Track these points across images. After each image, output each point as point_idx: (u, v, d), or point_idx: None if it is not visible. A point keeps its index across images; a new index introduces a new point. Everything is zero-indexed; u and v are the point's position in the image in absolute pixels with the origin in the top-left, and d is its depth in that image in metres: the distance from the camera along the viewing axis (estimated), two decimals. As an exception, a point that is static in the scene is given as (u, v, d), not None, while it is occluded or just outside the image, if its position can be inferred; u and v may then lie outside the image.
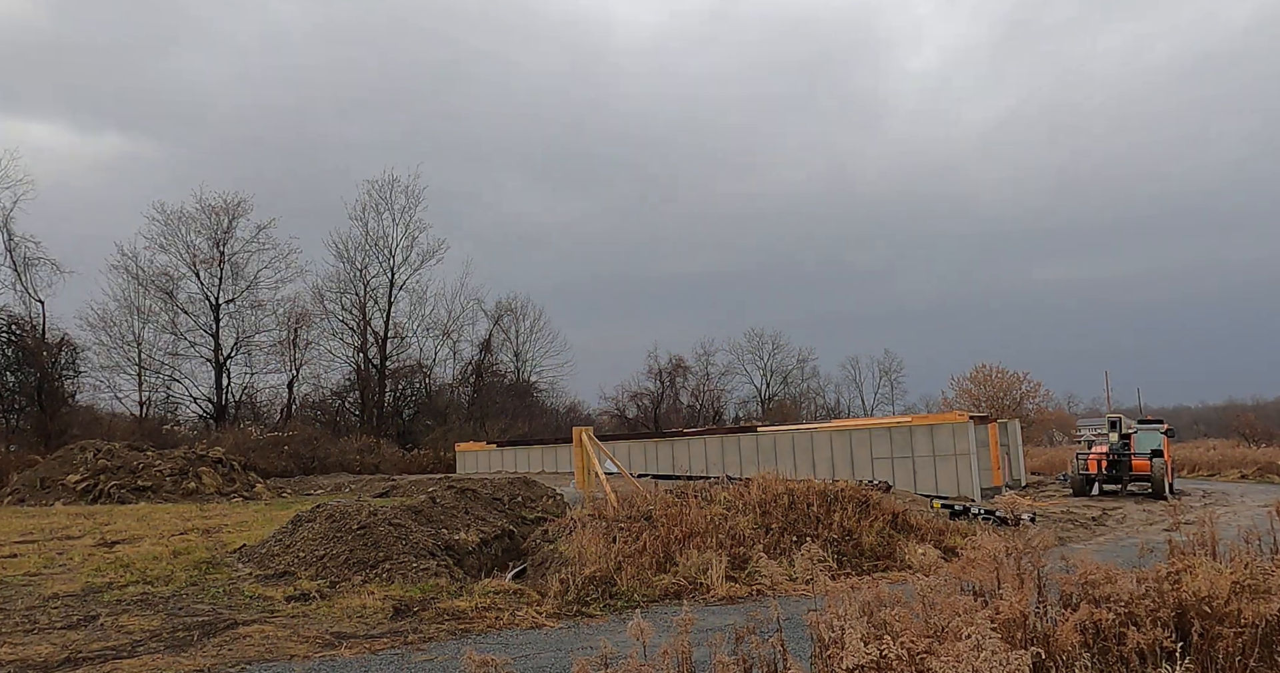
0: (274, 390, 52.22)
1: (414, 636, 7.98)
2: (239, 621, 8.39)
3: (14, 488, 25.68)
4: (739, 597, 9.84)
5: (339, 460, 40.17)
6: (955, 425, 23.17)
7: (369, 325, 53.36)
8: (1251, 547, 6.33)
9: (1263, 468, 33.35)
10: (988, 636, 3.63)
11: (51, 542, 14.26)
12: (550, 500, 17.28)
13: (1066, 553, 6.01)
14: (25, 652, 7.18)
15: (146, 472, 26.22)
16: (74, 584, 10.13)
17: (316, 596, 9.49)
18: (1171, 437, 26.77)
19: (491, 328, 60.33)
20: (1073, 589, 5.11)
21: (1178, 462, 34.03)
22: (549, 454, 36.78)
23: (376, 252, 53.90)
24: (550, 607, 9.20)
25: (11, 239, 41.60)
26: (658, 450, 32.16)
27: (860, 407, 78.13)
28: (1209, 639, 4.62)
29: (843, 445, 25.54)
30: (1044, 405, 58.35)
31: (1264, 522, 8.03)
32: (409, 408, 55.26)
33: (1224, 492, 26.31)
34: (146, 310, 47.00)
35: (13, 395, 40.52)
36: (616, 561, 10.45)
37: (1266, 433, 52.34)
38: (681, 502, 12.45)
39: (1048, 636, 4.42)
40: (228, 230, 48.88)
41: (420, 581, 10.12)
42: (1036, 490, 26.70)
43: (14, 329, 40.57)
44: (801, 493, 12.99)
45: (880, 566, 11.44)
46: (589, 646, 7.36)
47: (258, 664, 6.96)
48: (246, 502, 24.75)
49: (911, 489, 22.24)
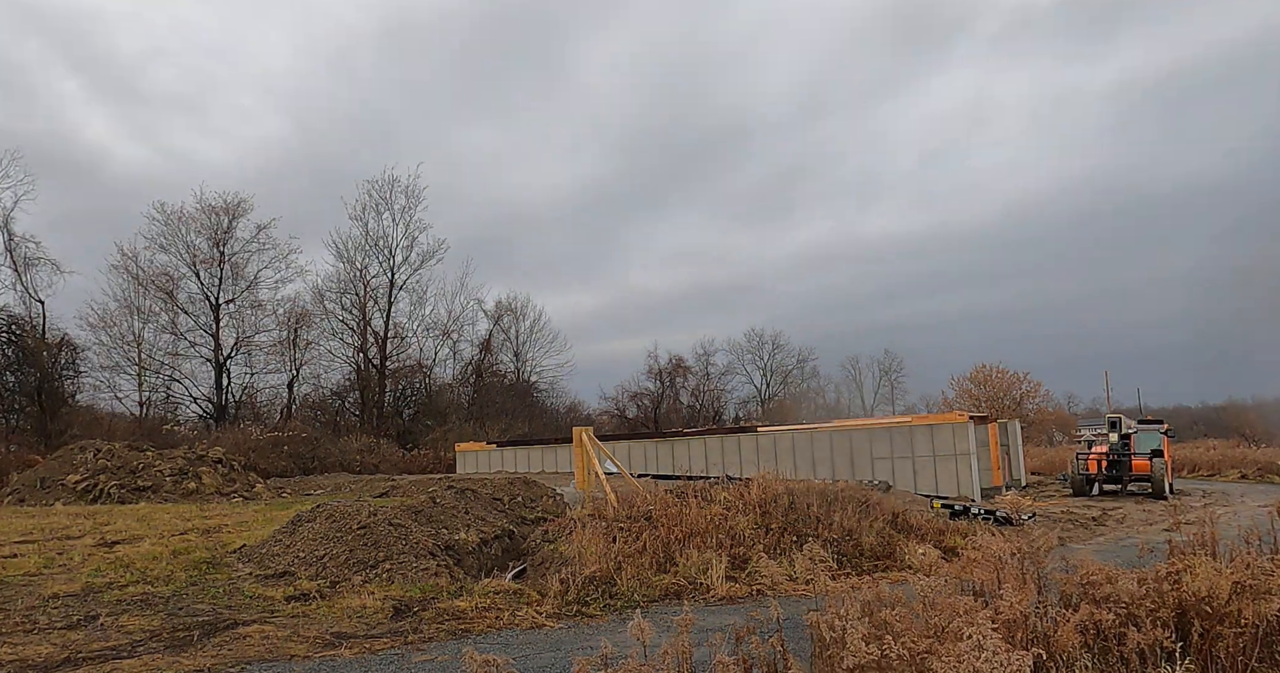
0: (274, 390, 52.36)
1: (414, 636, 7.98)
2: (239, 621, 8.38)
3: (14, 488, 25.66)
4: (739, 597, 9.83)
5: (339, 460, 40.18)
6: (955, 426, 23.18)
7: (369, 325, 53.44)
8: (1251, 547, 6.33)
9: (1263, 468, 33.35)
10: (988, 636, 3.63)
11: (51, 542, 14.25)
12: (550, 500, 17.31)
13: (1066, 553, 6.01)
14: (25, 652, 7.17)
15: (146, 472, 26.22)
16: (74, 584, 10.12)
17: (316, 596, 9.48)
18: (1171, 437, 26.78)
19: (491, 328, 60.51)
20: (1073, 589, 5.12)
21: (1178, 462, 34.04)
22: (549, 454, 36.80)
23: (376, 252, 54.05)
24: (550, 607, 9.19)
25: (11, 239, 41.74)
26: (658, 450, 32.17)
27: (860, 407, 78.26)
28: (1209, 639, 4.62)
29: (843, 445, 25.55)
30: (1044, 406, 58.39)
31: (1264, 522, 8.03)
32: (409, 408, 55.26)
33: (1224, 492, 26.30)
34: (146, 310, 47.15)
35: (13, 395, 40.52)
36: (616, 561, 10.44)
37: (1266, 433, 52.33)
38: (681, 502, 12.46)
39: (1048, 636, 4.42)
40: (228, 230, 49.04)
41: (420, 581, 10.12)
42: (1036, 490, 26.71)
43: (14, 329, 40.59)
44: (801, 493, 13.00)
45: (880, 566, 11.44)
46: (589, 646, 7.36)
47: (258, 664, 6.96)
48: (246, 502, 24.72)
49: (911, 489, 22.25)
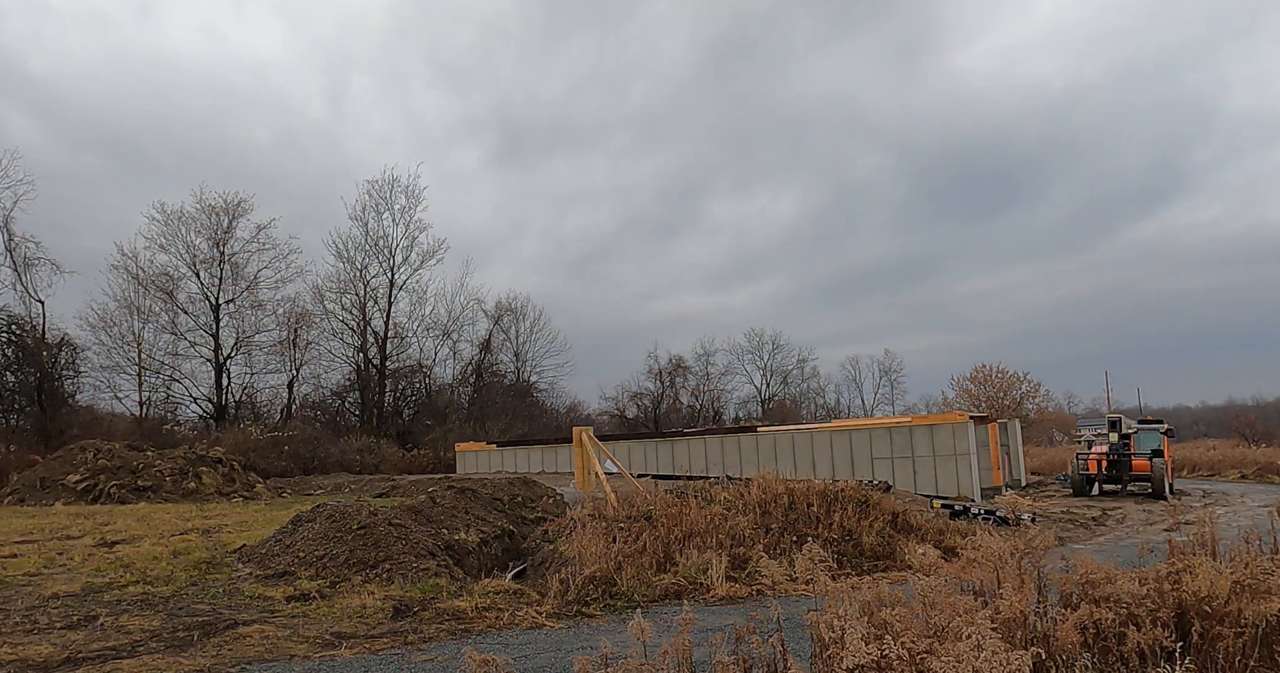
0: (274, 390, 52.34)
1: (414, 636, 7.98)
2: (239, 621, 8.38)
3: (14, 488, 25.67)
4: (739, 597, 9.83)
5: (339, 460, 40.20)
6: (955, 426, 23.17)
7: (369, 325, 53.47)
8: (1251, 547, 6.33)
9: (1263, 468, 33.35)
10: (988, 636, 3.63)
11: (51, 542, 14.25)
12: (550, 500, 17.31)
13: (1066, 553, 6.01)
14: (25, 652, 7.17)
15: (146, 472, 26.23)
16: (74, 584, 10.12)
17: (316, 596, 9.48)
18: (1171, 437, 26.78)
19: (491, 328, 60.51)
20: (1073, 589, 5.11)
21: (1178, 462, 34.04)
22: (549, 454, 36.81)
23: (376, 252, 54.08)
24: (550, 607, 9.19)
25: (11, 239, 41.72)
26: (658, 450, 32.17)
27: (860, 407, 78.31)
28: (1209, 639, 4.62)
29: (843, 445, 25.55)
30: (1044, 406, 58.42)
31: (1264, 522, 8.03)
32: (409, 408, 55.28)
33: (1224, 492, 26.30)
34: (146, 310, 47.10)
35: (13, 395, 40.51)
36: (616, 561, 10.44)
37: (1266, 433, 52.35)
38: (681, 502, 12.46)
39: (1048, 636, 4.42)
40: (228, 230, 49.02)
41: (420, 581, 10.12)
42: (1036, 490, 26.71)
43: (14, 329, 40.59)
44: (801, 493, 13.00)
45: (880, 566, 11.44)
46: (589, 646, 7.36)
47: (258, 664, 6.96)
48: (246, 502, 24.73)
49: (911, 489, 22.26)
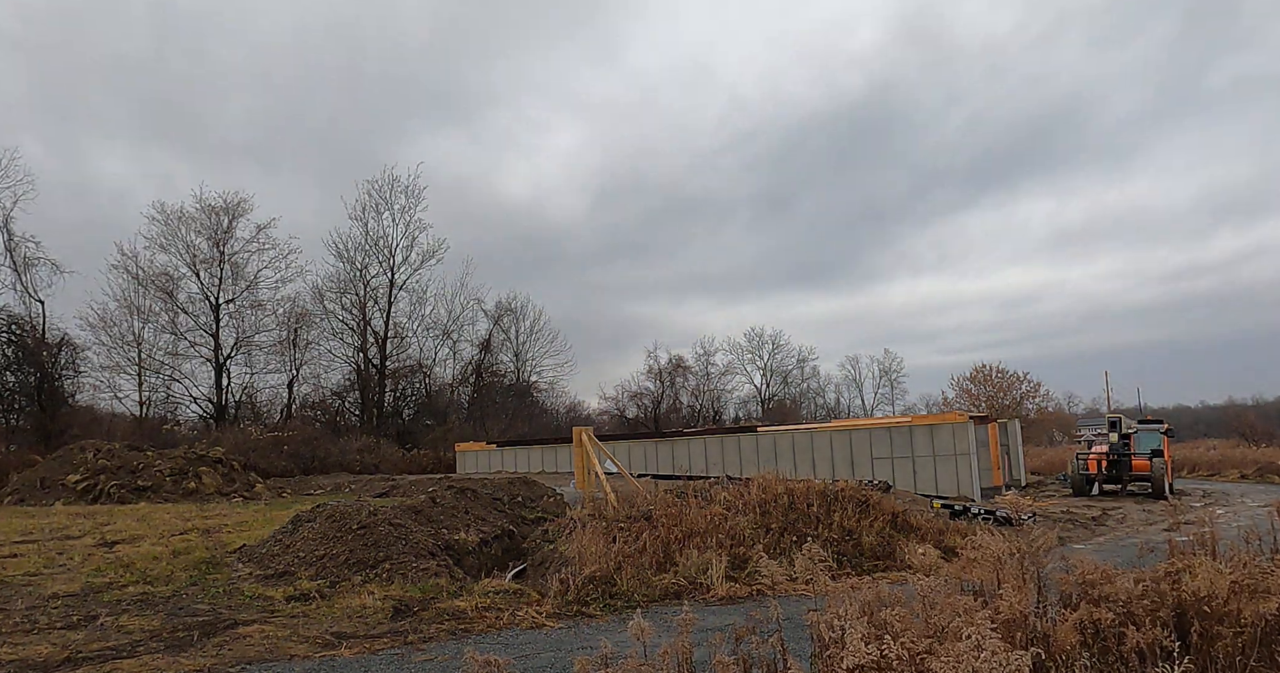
0: (274, 390, 52.34)
1: (414, 636, 7.98)
2: (239, 621, 8.39)
3: (14, 488, 25.69)
4: (739, 597, 9.83)
5: (339, 460, 40.19)
6: (955, 425, 23.18)
7: (369, 325, 53.43)
8: (1251, 547, 6.33)
9: (1263, 468, 33.34)
10: (988, 636, 3.63)
11: (51, 542, 14.26)
12: (550, 500, 17.31)
13: (1066, 553, 6.01)
14: (25, 652, 7.17)
15: (146, 472, 26.24)
16: (74, 584, 10.13)
17: (316, 596, 9.48)
18: (1171, 437, 26.78)
19: (491, 328, 60.47)
20: (1072, 589, 5.12)
21: (1178, 462, 34.04)
22: (549, 454, 36.81)
23: (376, 252, 54.05)
24: (550, 607, 9.19)
25: (11, 239, 41.73)
26: (658, 450, 32.17)
27: (860, 407, 78.33)
28: (1208, 639, 4.62)
29: (843, 445, 25.55)
30: (1044, 406, 58.41)
31: (1264, 522, 8.03)
32: (409, 408, 55.26)
33: (1224, 492, 26.31)
34: (146, 310, 47.12)
35: (13, 395, 40.53)
36: (616, 561, 10.44)
37: (1266, 433, 52.28)
38: (681, 502, 12.46)
39: (1048, 636, 4.42)
40: (228, 230, 49.02)
41: (420, 581, 10.12)
42: (1036, 490, 26.70)
43: (14, 329, 40.61)
44: (801, 493, 12.99)
45: (880, 566, 11.44)
46: (589, 646, 7.36)
47: (258, 664, 6.96)
48: (246, 502, 24.74)
49: (911, 489, 22.26)
